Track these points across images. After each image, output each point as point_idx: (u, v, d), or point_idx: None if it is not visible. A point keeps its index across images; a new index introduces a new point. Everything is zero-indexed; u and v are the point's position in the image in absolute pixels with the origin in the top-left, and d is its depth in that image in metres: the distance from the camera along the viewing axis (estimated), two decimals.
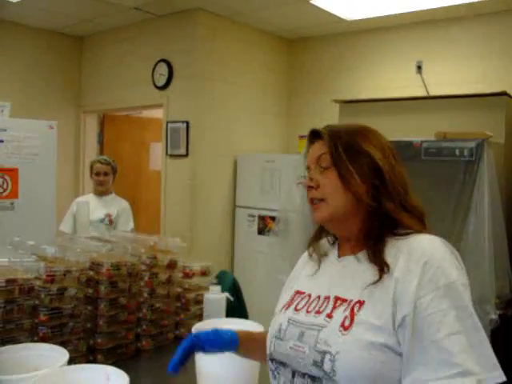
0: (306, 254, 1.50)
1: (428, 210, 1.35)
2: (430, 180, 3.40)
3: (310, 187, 1.35)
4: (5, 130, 4.34)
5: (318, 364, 1.20)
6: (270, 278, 4.63)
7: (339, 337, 1.19)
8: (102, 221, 4.27)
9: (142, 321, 2.19)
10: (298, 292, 1.39)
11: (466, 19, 4.85)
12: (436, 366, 1.10)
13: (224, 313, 2.26)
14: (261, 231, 5.23)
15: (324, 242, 1.46)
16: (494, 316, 3.06)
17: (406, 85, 5.14)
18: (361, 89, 5.47)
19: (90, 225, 4.13)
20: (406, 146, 3.52)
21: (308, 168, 1.38)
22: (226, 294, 2.26)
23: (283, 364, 1.30)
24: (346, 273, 1.30)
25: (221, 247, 5.47)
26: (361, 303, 1.21)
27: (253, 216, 5.31)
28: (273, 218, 4.92)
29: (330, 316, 1.24)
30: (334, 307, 1.25)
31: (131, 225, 4.43)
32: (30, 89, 5.91)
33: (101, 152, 6.42)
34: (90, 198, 4.45)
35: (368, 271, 1.24)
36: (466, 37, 4.86)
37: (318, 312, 1.27)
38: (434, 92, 4.90)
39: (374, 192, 1.27)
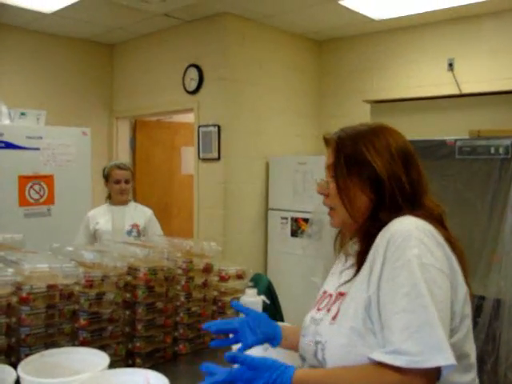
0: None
1: (464, 209, 1.35)
2: (464, 179, 3.36)
3: (322, 194, 1.42)
4: (41, 138, 4.43)
5: (315, 354, 1.28)
6: (304, 280, 4.63)
7: (328, 327, 1.27)
8: (129, 233, 3.76)
9: (179, 325, 2.20)
10: (324, 292, 1.45)
11: (498, 14, 4.77)
12: (382, 343, 1.14)
13: None
14: (294, 233, 5.23)
15: (352, 242, 1.48)
16: None
17: (437, 83, 5.08)
18: (392, 88, 5.42)
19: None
20: (439, 144, 3.48)
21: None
22: (263, 297, 2.26)
23: (303, 359, 1.39)
24: (354, 270, 1.33)
25: (254, 250, 5.48)
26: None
27: (285, 218, 5.31)
28: (306, 220, 4.92)
29: (328, 310, 1.32)
30: (334, 302, 1.32)
31: (160, 232, 3.91)
32: (63, 96, 6.03)
33: (133, 157, 6.50)
34: (106, 210, 3.88)
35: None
36: (498, 32, 4.79)
37: (326, 308, 1.35)
38: (466, 89, 4.84)
39: (373, 203, 1.30)
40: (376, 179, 1.28)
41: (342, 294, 1.31)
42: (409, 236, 1.17)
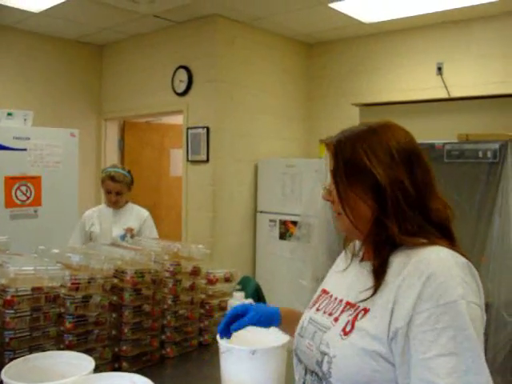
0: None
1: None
2: (453, 183, 3.37)
3: (328, 200, 1.37)
4: (28, 139, 4.39)
5: (319, 364, 1.24)
6: (292, 282, 4.63)
7: (338, 341, 1.21)
8: (123, 237, 3.55)
9: (166, 328, 2.19)
10: (324, 291, 1.42)
11: (487, 18, 4.80)
12: (402, 378, 1.10)
13: None
14: (282, 236, 5.22)
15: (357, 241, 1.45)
16: None
17: (426, 87, 5.10)
18: (381, 92, 5.44)
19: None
20: (427, 148, 3.48)
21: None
22: (250, 301, 2.25)
23: (300, 360, 1.35)
24: (362, 278, 1.29)
25: (242, 252, 5.47)
26: (366, 311, 1.21)
27: (274, 221, 5.30)
28: (294, 223, 4.91)
29: (336, 319, 1.26)
30: (342, 311, 1.27)
31: (155, 235, 3.82)
32: (51, 97, 5.98)
33: (121, 159, 6.46)
34: (102, 212, 3.79)
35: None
36: (487, 36, 4.81)
37: (330, 314, 1.30)
38: (455, 93, 4.86)
39: (376, 212, 1.24)
40: (377, 187, 1.22)
41: (352, 306, 1.26)
42: (450, 274, 1.12)
